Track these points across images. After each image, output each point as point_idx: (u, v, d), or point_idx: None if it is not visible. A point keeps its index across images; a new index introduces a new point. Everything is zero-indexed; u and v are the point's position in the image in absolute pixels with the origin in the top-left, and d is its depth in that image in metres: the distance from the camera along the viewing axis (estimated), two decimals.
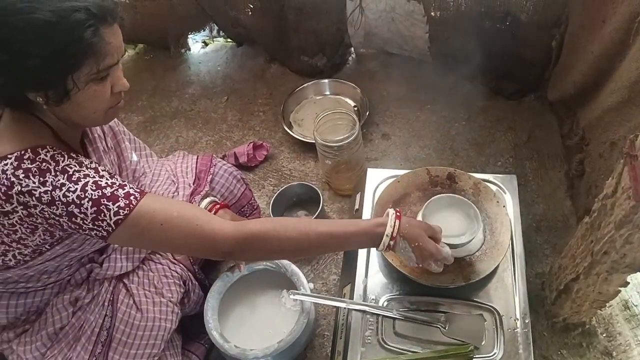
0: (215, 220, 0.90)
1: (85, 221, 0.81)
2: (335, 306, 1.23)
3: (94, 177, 0.82)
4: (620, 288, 1.02)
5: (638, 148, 0.77)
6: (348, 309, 1.13)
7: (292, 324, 1.22)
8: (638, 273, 0.97)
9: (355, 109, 1.90)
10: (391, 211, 1.00)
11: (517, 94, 1.80)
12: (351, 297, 1.16)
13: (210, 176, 1.38)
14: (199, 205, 1.26)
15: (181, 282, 1.17)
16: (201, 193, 1.30)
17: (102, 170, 0.85)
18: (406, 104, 1.89)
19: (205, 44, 2.41)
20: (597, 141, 1.24)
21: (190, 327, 1.29)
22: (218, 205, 1.27)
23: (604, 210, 0.90)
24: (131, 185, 0.86)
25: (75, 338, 1.01)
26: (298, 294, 1.19)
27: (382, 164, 1.72)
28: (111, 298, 1.05)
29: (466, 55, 1.75)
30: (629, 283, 1.00)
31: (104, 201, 0.81)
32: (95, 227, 0.82)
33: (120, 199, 0.82)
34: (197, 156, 1.43)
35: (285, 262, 1.28)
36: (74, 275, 1.04)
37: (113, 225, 0.82)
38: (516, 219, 1.20)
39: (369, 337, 1.08)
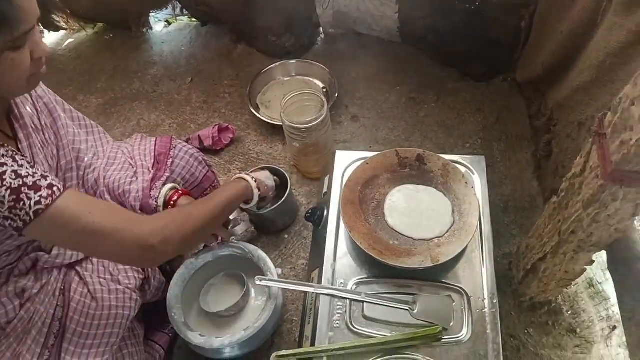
0: (131, 218, 0.90)
1: (0, 210, 0.75)
2: (303, 291, 1.20)
3: (12, 165, 0.77)
4: (586, 266, 1.03)
5: (607, 126, 0.76)
6: (316, 293, 1.11)
7: (258, 311, 1.19)
8: (603, 251, 0.98)
9: (324, 90, 1.86)
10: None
11: (486, 76, 1.79)
12: (319, 282, 1.13)
13: (171, 159, 1.31)
14: (159, 193, 1.20)
15: (139, 268, 1.12)
16: (162, 179, 1.24)
17: (21, 159, 0.80)
18: (375, 86, 1.86)
19: (168, 23, 2.32)
20: (565, 122, 1.24)
21: (154, 315, 1.25)
22: (180, 192, 1.22)
23: (572, 189, 0.89)
24: (53, 177, 0.82)
25: (25, 331, 0.95)
26: (265, 279, 1.15)
27: (351, 146, 1.69)
28: (62, 287, 0.99)
29: (435, 37, 1.73)
30: (594, 261, 1.00)
31: (24, 190, 0.76)
32: (12, 216, 0.76)
33: (43, 188, 0.78)
34: (156, 138, 1.36)
35: (251, 247, 1.25)
36: (17, 265, 0.97)
37: (32, 215, 0.77)
38: (484, 200, 1.19)
39: (337, 322, 1.06)
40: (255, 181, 1.25)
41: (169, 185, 1.22)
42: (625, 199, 0.79)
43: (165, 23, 2.32)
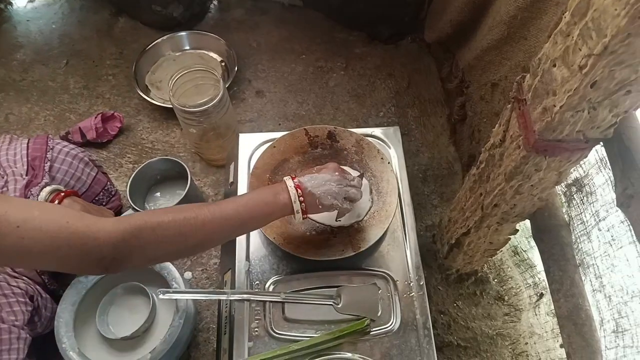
0: (90, 217, 0.68)
1: None
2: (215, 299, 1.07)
3: None
4: (510, 236, 0.99)
5: (526, 91, 0.68)
6: (230, 300, 0.98)
7: (167, 326, 1.04)
8: (527, 220, 0.94)
9: (223, 64, 1.68)
10: (286, 179, 0.87)
11: (394, 38, 1.70)
12: (232, 286, 1.01)
13: (48, 163, 1.12)
14: (37, 198, 1.02)
15: (27, 299, 0.96)
16: (39, 184, 1.04)
17: None
18: (279, 56, 1.71)
19: None
20: (478, 83, 1.18)
21: (48, 347, 1.06)
22: (62, 194, 1.03)
23: (492, 160, 0.83)
24: None
25: None
26: (169, 292, 1.00)
27: (259, 125, 1.55)
28: None
29: None
30: (517, 230, 0.96)
31: None
32: None
33: None
34: (28, 139, 1.15)
35: None
36: None
37: None
38: (402, 174, 1.12)
39: (256, 329, 0.95)
40: (301, 196, 0.84)
41: (48, 189, 1.03)
42: (549, 168, 0.74)
43: None
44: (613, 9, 0.48)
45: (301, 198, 0.84)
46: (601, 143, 0.70)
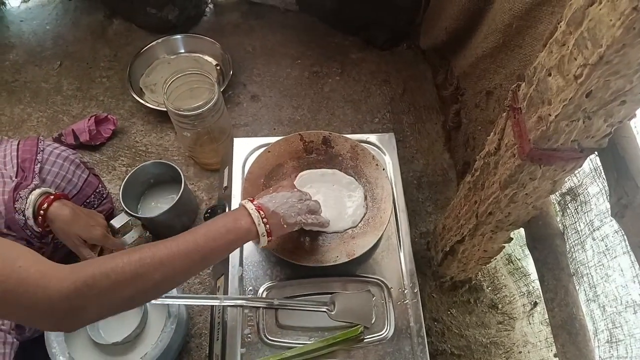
0: (45, 262, 0.62)
1: None
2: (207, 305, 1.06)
3: None
4: (504, 244, 0.99)
5: (521, 99, 0.68)
6: (222, 305, 0.97)
7: (158, 332, 1.03)
8: (521, 228, 0.94)
9: (218, 67, 1.67)
10: (244, 202, 0.83)
11: (389, 44, 1.70)
12: (225, 291, 1.00)
13: (39, 165, 1.10)
14: (26, 200, 1.00)
15: None
16: (28, 187, 1.03)
17: None
18: (275, 60, 1.71)
19: None
20: (473, 90, 1.18)
21: (37, 353, 1.04)
22: (52, 197, 1.02)
23: (487, 168, 0.82)
24: None
25: None
26: (161, 297, 0.99)
27: (253, 130, 1.54)
28: None
29: (334, 3, 1.60)
30: (512, 239, 0.96)
31: None
32: None
33: None
34: (19, 141, 1.13)
35: None
36: None
37: None
38: (397, 181, 1.12)
39: (249, 335, 0.94)
40: (264, 218, 0.81)
41: (37, 191, 1.02)
42: (544, 177, 0.74)
43: None
44: (608, 19, 0.48)
45: (265, 220, 0.80)
46: (596, 153, 0.70)
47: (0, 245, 0.61)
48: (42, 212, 1.00)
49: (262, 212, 0.80)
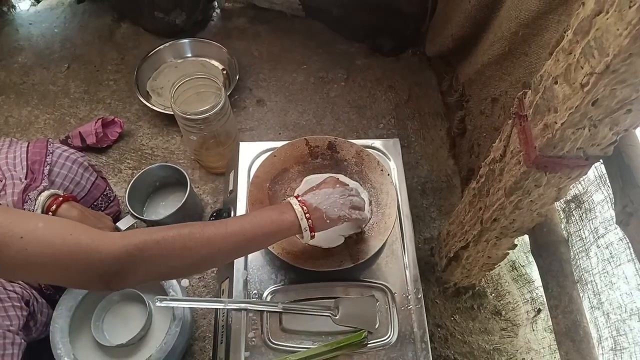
0: (94, 230, 0.67)
1: None
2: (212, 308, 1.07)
3: None
4: (508, 251, 0.99)
5: (527, 107, 0.69)
6: (227, 309, 0.98)
7: (163, 334, 1.03)
8: (525, 235, 0.94)
9: (224, 72, 1.68)
10: (290, 198, 0.87)
11: (395, 51, 1.71)
12: (230, 294, 1.01)
13: (48, 167, 1.11)
14: (35, 202, 1.01)
15: (22, 304, 0.94)
16: (37, 188, 1.04)
17: None
18: (281, 65, 1.72)
19: (37, 0, 1.99)
20: (478, 97, 1.19)
21: (44, 354, 1.05)
22: (61, 198, 1.03)
23: (492, 175, 0.83)
24: None
25: None
26: (166, 300, 1.00)
27: (259, 134, 1.55)
28: None
29: (340, 9, 1.61)
30: (516, 245, 0.96)
31: None
32: None
33: None
34: (28, 143, 1.15)
35: None
36: None
37: None
38: (401, 186, 1.12)
39: (253, 339, 0.95)
40: (307, 213, 0.84)
41: (46, 193, 1.03)
42: (549, 184, 0.74)
43: (33, 1, 1.98)
44: (615, 28, 0.49)
45: (307, 215, 0.84)
46: (601, 160, 0.70)
47: (48, 220, 0.67)
48: (50, 213, 1.01)
49: (304, 208, 0.84)
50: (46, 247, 0.62)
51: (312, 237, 0.86)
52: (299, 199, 0.86)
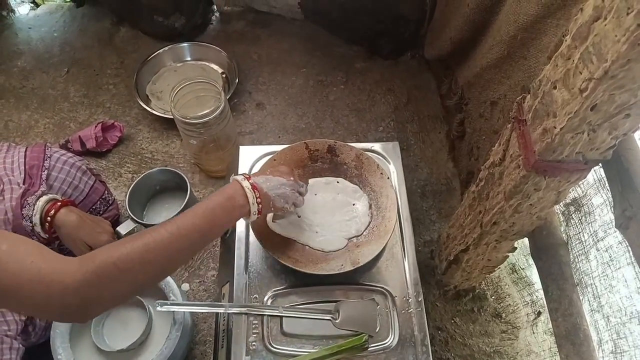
0: (56, 257, 0.65)
1: None
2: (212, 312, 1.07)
3: None
4: (508, 254, 0.99)
5: (527, 111, 0.69)
6: (227, 313, 0.98)
7: (163, 339, 1.03)
8: (525, 238, 0.94)
9: (223, 76, 1.68)
10: (240, 179, 0.84)
11: (394, 53, 1.72)
12: (230, 299, 1.00)
13: (46, 171, 1.12)
14: (33, 207, 1.01)
15: None
16: (35, 193, 1.04)
17: None
18: (280, 68, 1.72)
19: (36, 4, 1.99)
20: (477, 100, 1.19)
21: (42, 358, 1.05)
22: (59, 203, 1.03)
23: (492, 179, 0.83)
24: None
25: None
26: (166, 304, 1.00)
27: (258, 137, 1.55)
28: None
29: (339, 13, 1.61)
30: (516, 248, 0.97)
31: None
32: None
33: None
34: (26, 147, 1.15)
35: None
36: None
37: None
38: (401, 190, 1.12)
39: (254, 343, 0.95)
40: (258, 197, 0.83)
41: (44, 198, 1.03)
42: (548, 188, 0.74)
43: (32, 5, 1.99)
44: (613, 34, 0.49)
45: (258, 199, 0.82)
46: (600, 164, 0.70)
47: (11, 242, 0.63)
48: (49, 218, 1.01)
49: (256, 192, 0.83)
50: (5, 274, 0.59)
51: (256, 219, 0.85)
52: (250, 181, 0.84)
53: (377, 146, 1.19)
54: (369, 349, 0.93)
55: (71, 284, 0.61)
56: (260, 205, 0.83)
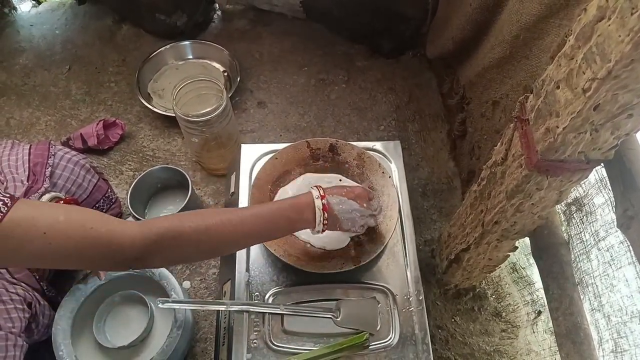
0: (113, 221, 0.71)
1: None
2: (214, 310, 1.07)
3: None
4: (509, 253, 1.00)
5: (529, 111, 0.69)
6: (229, 310, 0.98)
7: (165, 336, 1.04)
8: (526, 237, 0.94)
9: (225, 74, 1.68)
10: (315, 196, 0.86)
11: (395, 52, 1.72)
12: (232, 296, 1.01)
13: (50, 169, 1.12)
14: None
15: (24, 306, 0.95)
16: (39, 191, 1.04)
17: None
18: (281, 67, 1.72)
19: (38, 1, 1.99)
20: (479, 100, 1.19)
21: (46, 356, 1.05)
22: (62, 201, 1.03)
23: (494, 178, 0.83)
24: None
25: None
26: (168, 302, 1.00)
27: (260, 136, 1.55)
28: None
29: (341, 11, 1.62)
30: (517, 247, 0.97)
31: None
32: None
33: None
34: (30, 145, 1.15)
35: None
36: None
37: None
38: (402, 188, 1.12)
39: (255, 340, 0.95)
40: (326, 219, 0.84)
41: (48, 196, 1.03)
42: (550, 187, 0.74)
43: (34, 2, 1.99)
44: (617, 35, 0.49)
45: (325, 221, 0.84)
46: (602, 164, 0.71)
47: (70, 211, 0.69)
48: None
49: (326, 214, 0.84)
50: (68, 241, 0.65)
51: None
52: (324, 200, 0.85)
53: (378, 145, 1.19)
54: (370, 347, 0.93)
55: (131, 246, 0.69)
56: (325, 226, 0.85)
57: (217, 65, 1.72)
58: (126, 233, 0.69)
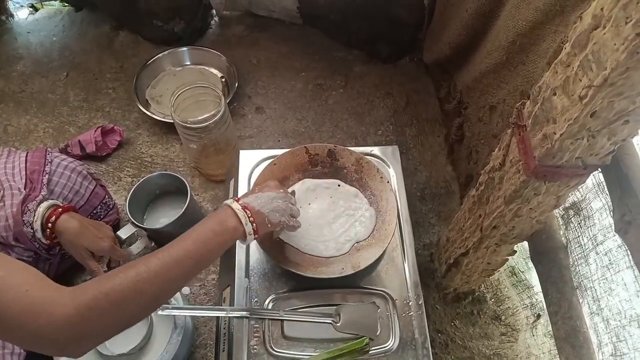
0: (50, 286, 0.62)
1: None
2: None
3: None
4: (508, 257, 1.00)
5: (527, 117, 0.70)
6: (229, 317, 0.98)
7: (164, 343, 1.04)
8: (525, 241, 0.95)
9: (223, 80, 1.69)
10: (230, 202, 0.84)
11: (392, 57, 1.73)
12: (231, 302, 1.01)
13: (47, 176, 1.12)
14: (34, 213, 1.01)
15: None
16: (36, 198, 1.04)
17: None
18: (279, 72, 1.73)
19: (35, 8, 1.99)
20: (476, 105, 1.20)
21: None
22: (60, 209, 1.03)
23: (492, 183, 0.84)
24: None
25: None
26: (167, 308, 1.00)
27: (258, 141, 1.56)
28: None
29: (338, 17, 1.62)
30: (516, 252, 0.97)
31: None
32: None
33: None
34: (27, 152, 1.15)
35: None
36: None
37: None
38: (401, 193, 1.13)
39: (255, 347, 0.95)
40: (251, 217, 0.82)
41: (45, 204, 1.02)
42: (548, 192, 0.75)
43: (31, 9, 1.99)
44: (612, 43, 0.50)
45: (251, 219, 0.81)
46: (599, 169, 0.71)
47: (10, 269, 0.61)
48: (50, 224, 1.01)
49: (248, 212, 0.82)
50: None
51: (255, 239, 0.84)
52: (239, 202, 0.83)
53: (376, 150, 1.19)
54: (370, 352, 0.93)
55: (61, 317, 0.59)
56: (254, 224, 0.82)
57: (215, 71, 1.72)
58: (58, 300, 0.60)
